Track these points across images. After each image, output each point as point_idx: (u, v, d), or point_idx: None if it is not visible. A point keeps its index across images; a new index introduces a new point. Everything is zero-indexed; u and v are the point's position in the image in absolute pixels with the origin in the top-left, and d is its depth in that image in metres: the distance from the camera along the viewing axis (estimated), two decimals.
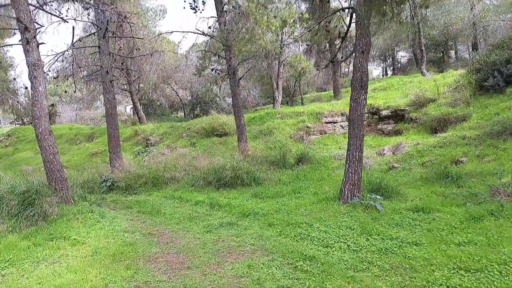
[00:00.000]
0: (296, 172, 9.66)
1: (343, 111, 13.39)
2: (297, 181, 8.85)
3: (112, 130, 10.61)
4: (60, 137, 21.69)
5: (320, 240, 4.82)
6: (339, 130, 13.20)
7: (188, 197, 8.02)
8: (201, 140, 14.61)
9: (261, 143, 12.81)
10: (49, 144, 6.57)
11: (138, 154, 14.98)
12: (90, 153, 17.56)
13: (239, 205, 7.05)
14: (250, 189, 8.42)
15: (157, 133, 16.62)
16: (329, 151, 11.57)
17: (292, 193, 7.79)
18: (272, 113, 14.82)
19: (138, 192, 9.22)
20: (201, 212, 6.83)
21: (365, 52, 6.40)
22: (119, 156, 10.67)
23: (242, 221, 6.06)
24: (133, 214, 7.06)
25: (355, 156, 6.50)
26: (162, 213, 6.89)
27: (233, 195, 8.02)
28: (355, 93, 6.48)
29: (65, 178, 6.91)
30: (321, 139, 12.69)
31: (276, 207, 6.82)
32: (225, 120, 14.69)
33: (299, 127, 13.21)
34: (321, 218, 5.72)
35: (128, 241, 5.17)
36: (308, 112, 13.67)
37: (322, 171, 9.48)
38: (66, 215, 6.20)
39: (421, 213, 5.56)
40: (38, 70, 6.31)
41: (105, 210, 7.12)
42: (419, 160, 8.98)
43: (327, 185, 8.15)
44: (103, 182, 9.92)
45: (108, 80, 10.38)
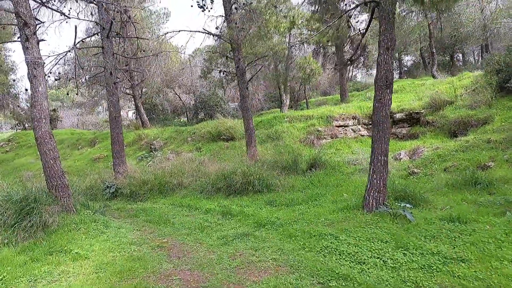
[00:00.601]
0: (309, 178, 9.17)
1: (354, 114, 12.92)
2: (311, 188, 8.35)
3: (116, 134, 10.15)
4: (61, 142, 21.28)
5: (351, 255, 4.31)
6: (350, 134, 12.72)
7: (197, 205, 7.52)
8: (207, 144, 14.14)
9: (269, 147, 12.32)
10: (49, 148, 6.11)
11: (142, 159, 14.51)
12: (92, 158, 17.11)
13: (253, 214, 6.55)
14: (263, 196, 7.92)
15: (161, 138, 16.16)
16: (342, 155, 11.08)
17: (309, 201, 7.29)
18: (280, 117, 14.36)
19: (143, 199, 8.73)
20: (213, 221, 6.33)
21: (390, 48, 5.95)
22: (123, 162, 10.20)
23: (258, 232, 5.56)
24: (139, 223, 6.56)
25: (380, 161, 6.01)
26: (170, 223, 6.39)
27: (245, 202, 7.51)
28: (380, 93, 6.02)
29: (67, 185, 6.43)
30: (332, 144, 12.21)
31: (293, 216, 6.33)
32: (231, 124, 14.23)
33: (309, 131, 12.73)
34: (347, 229, 5.21)
35: (136, 255, 4.67)
36: (318, 115, 13.20)
37: (337, 177, 8.98)
38: (68, 225, 5.71)
39: (457, 224, 5.05)
40: (38, 68, 5.88)
41: (109, 219, 6.62)
42: (441, 165, 8.48)
43: (345, 192, 7.66)
44: (106, 189, 9.44)
45: (112, 82, 9.95)
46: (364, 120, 12.88)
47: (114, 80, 9.97)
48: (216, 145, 13.85)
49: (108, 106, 10.19)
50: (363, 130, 12.78)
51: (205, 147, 13.92)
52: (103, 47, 9.93)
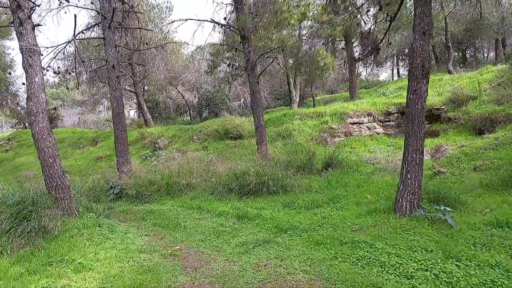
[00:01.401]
0: (326, 178, 8.59)
1: (369, 111, 12.33)
2: (330, 189, 7.78)
3: (119, 132, 9.59)
4: (62, 141, 20.75)
5: (395, 268, 3.74)
6: (365, 131, 12.13)
7: (209, 207, 6.95)
8: (214, 143, 13.57)
9: (280, 146, 11.75)
10: (48, 145, 5.55)
11: (146, 158, 13.96)
12: (95, 157, 16.56)
13: (271, 217, 5.98)
14: (279, 197, 7.35)
15: (165, 136, 15.60)
16: (358, 154, 10.49)
17: (330, 203, 6.72)
18: (290, 114, 13.78)
19: (150, 201, 8.16)
20: (228, 225, 5.76)
21: (427, 33, 5.36)
22: (128, 161, 9.64)
23: (280, 238, 4.99)
24: (147, 227, 6.00)
25: (415, 159, 5.43)
26: (182, 227, 5.82)
27: (260, 204, 6.94)
28: (415, 83, 5.43)
29: (68, 185, 5.87)
30: (346, 142, 11.62)
31: (316, 220, 5.76)
32: (239, 122, 13.67)
33: (321, 128, 12.15)
34: (381, 236, 4.64)
35: (147, 266, 4.11)
36: (331, 112, 12.62)
37: (356, 177, 8.39)
38: (69, 230, 5.16)
39: (507, 229, 4.48)
40: (33, 57, 5.32)
41: (114, 222, 6.07)
42: (470, 164, 7.90)
43: (368, 193, 7.08)
44: (110, 189, 8.88)
45: (115, 76, 9.39)
46: (379, 117, 12.29)
47: (117, 73, 9.41)
48: (223, 143, 13.28)
49: (111, 101, 9.63)
50: (379, 128, 12.19)
51: (211, 146, 13.36)
52: (104, 38, 9.36)
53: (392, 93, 14.42)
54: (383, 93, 14.69)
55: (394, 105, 12.37)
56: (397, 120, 12.22)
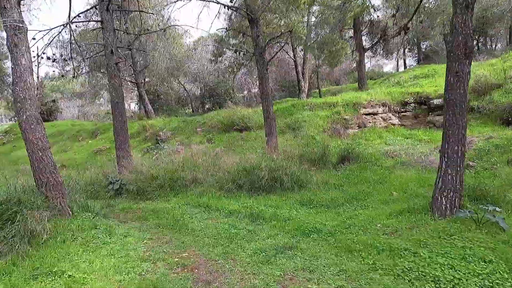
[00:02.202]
0: (343, 172, 7.92)
1: (384, 101, 11.59)
2: (349, 185, 7.10)
3: (119, 123, 8.90)
4: (61, 134, 20.11)
5: (453, 284, 3.08)
6: (380, 123, 11.41)
7: (218, 205, 6.29)
8: (219, 135, 12.88)
9: (289, 138, 11.05)
10: (37, 136, 4.88)
11: (147, 151, 13.30)
12: (94, 151, 15.91)
13: (289, 218, 5.33)
14: (294, 194, 6.69)
15: (168, 128, 14.91)
16: (374, 147, 9.80)
17: (352, 201, 6.05)
18: (299, 104, 13.05)
19: (152, 197, 7.51)
20: (241, 227, 5.10)
21: (470, 6, 4.61)
22: (128, 154, 8.97)
23: (304, 243, 4.33)
24: (150, 229, 5.36)
25: (456, 152, 4.72)
26: (189, 229, 5.17)
27: (274, 202, 6.28)
28: (456, 64, 4.69)
29: (60, 182, 5.21)
30: (360, 134, 10.92)
31: (340, 220, 5.10)
32: (245, 113, 12.96)
33: (333, 119, 11.44)
34: (423, 242, 3.98)
35: (150, 280, 3.46)
36: (343, 102, 11.88)
37: (376, 172, 7.71)
38: (61, 234, 4.51)
39: None
40: (19, 35, 4.61)
41: (113, 223, 5.42)
42: (502, 157, 7.22)
43: (393, 189, 6.41)
44: (109, 185, 8.23)
45: (113, 62, 8.66)
46: (395, 107, 11.55)
47: (116, 60, 8.68)
48: (229, 135, 12.59)
49: (109, 90, 8.92)
50: (394, 119, 11.47)
51: (217, 138, 12.67)
52: (102, 22, 8.61)
53: (407, 82, 13.65)
54: (397, 82, 13.92)
55: (410, 94, 11.62)
56: (414, 110, 11.48)
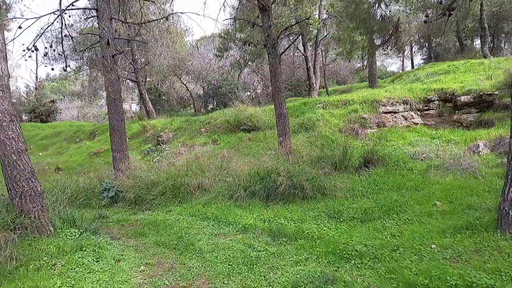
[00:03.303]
0: (369, 177, 6.96)
1: (405, 98, 10.63)
2: (379, 192, 6.15)
3: (115, 122, 7.98)
4: (57, 135, 19.23)
5: None
6: (401, 122, 10.44)
7: (229, 217, 5.35)
8: (224, 136, 11.94)
9: (302, 139, 10.10)
10: (9, 135, 3.96)
11: (147, 153, 12.38)
12: (91, 153, 15.01)
13: (319, 235, 4.38)
14: (317, 203, 5.74)
15: (169, 129, 13.99)
16: (398, 148, 8.83)
17: (390, 213, 5.09)
18: (311, 102, 12.11)
19: (152, 207, 6.57)
20: (260, 248, 4.15)
21: None
22: (126, 156, 8.04)
23: (346, 273, 3.38)
24: (149, 248, 4.41)
25: None
26: (196, 249, 4.22)
27: (295, 214, 5.33)
28: None
29: (39, 191, 4.28)
30: (380, 134, 9.95)
31: (382, 240, 4.15)
32: (253, 112, 12.01)
33: (350, 118, 10.48)
34: (504, 272, 3.02)
35: None
36: (360, 99, 10.92)
37: (407, 177, 6.75)
38: (36, 259, 3.58)
39: None
40: None
41: (104, 241, 4.48)
42: None
43: (435, 199, 5.45)
44: (103, 192, 7.30)
45: (110, 55, 7.75)
46: (417, 105, 10.58)
47: (112, 52, 7.77)
48: (235, 136, 11.65)
49: (105, 85, 8.00)
50: (417, 117, 10.50)
51: (222, 139, 11.73)
52: (97, 10, 7.71)
53: (426, 78, 12.68)
54: (417, 79, 12.95)
55: (434, 91, 10.65)
56: (438, 108, 10.50)
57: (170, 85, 22.46)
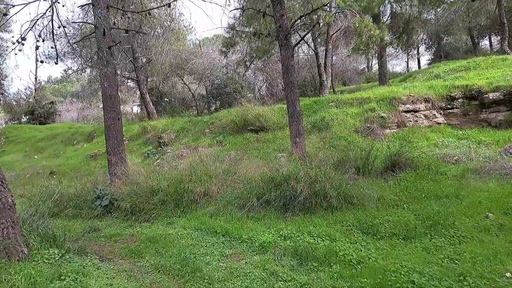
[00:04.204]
0: (397, 183, 6.12)
1: (427, 96, 9.79)
2: (414, 201, 5.29)
3: (111, 121, 7.15)
4: (54, 137, 18.48)
5: None
6: (422, 121, 9.60)
7: (242, 232, 4.51)
8: (230, 137, 11.13)
9: (315, 139, 9.29)
10: None
11: (148, 156, 11.58)
12: (88, 155, 14.22)
13: (358, 259, 3.54)
14: (344, 215, 4.88)
15: (171, 130, 13.18)
16: (423, 150, 7.97)
17: (436, 227, 4.24)
18: (322, 101, 11.29)
19: (151, 218, 5.73)
20: (286, 276, 3.30)
21: None
22: (122, 159, 7.21)
23: None
24: (145, 274, 3.57)
25: None
26: (204, 277, 3.38)
27: (321, 228, 4.48)
28: None
29: (10, 204, 3.46)
30: (401, 134, 9.11)
31: (440, 265, 3.33)
32: (260, 111, 11.20)
33: (367, 117, 9.65)
34: None
35: None
36: (377, 97, 10.09)
37: (443, 183, 5.88)
38: None
39: None
40: None
41: (90, 264, 3.65)
42: None
43: (485, 209, 4.59)
44: (96, 200, 6.47)
45: (106, 46, 6.95)
46: (439, 103, 9.73)
47: (108, 43, 6.97)
48: (242, 137, 10.84)
49: (101, 80, 7.18)
50: (439, 117, 9.65)
51: (228, 141, 10.91)
52: None
53: (447, 74, 11.82)
54: (435, 76, 12.09)
55: (457, 88, 9.81)
56: (462, 106, 9.65)
57: (172, 85, 21.68)
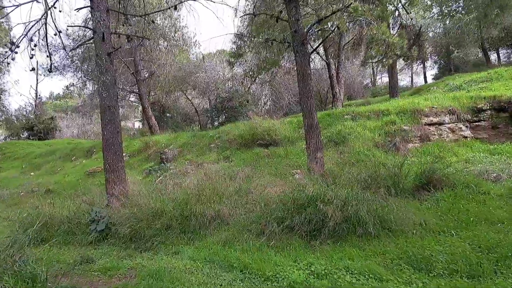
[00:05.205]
0: (436, 204, 5.34)
1: (451, 108, 9.10)
2: (463, 226, 4.51)
3: (109, 135, 6.44)
4: (53, 153, 17.76)
5: None
6: (447, 135, 8.87)
7: (264, 267, 3.70)
8: (238, 152, 10.39)
9: (332, 155, 8.54)
10: None
11: (149, 173, 10.81)
12: (87, 172, 13.45)
13: None
14: (384, 245, 4.09)
15: (174, 145, 12.47)
16: (455, 166, 7.21)
17: (505, 261, 3.43)
18: (337, 114, 10.61)
19: (154, 246, 4.92)
20: None
21: None
22: (121, 178, 6.44)
23: None
24: None
25: None
26: None
27: (360, 262, 3.68)
28: None
29: None
30: (426, 149, 8.36)
31: None
32: (270, 125, 10.51)
33: (387, 131, 8.94)
34: None
35: None
36: (397, 109, 9.41)
37: (490, 204, 5.11)
38: None
39: None
40: None
41: None
42: None
43: None
44: (91, 223, 5.68)
45: (105, 53, 6.33)
46: (465, 115, 9.04)
47: (107, 49, 6.36)
48: (250, 152, 10.10)
49: (98, 90, 6.53)
50: (466, 130, 8.93)
51: (235, 156, 10.17)
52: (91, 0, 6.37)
53: (469, 86, 11.17)
54: (457, 87, 11.44)
55: (484, 99, 9.14)
56: (490, 119, 8.95)
57: (175, 100, 21.15)
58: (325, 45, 12.34)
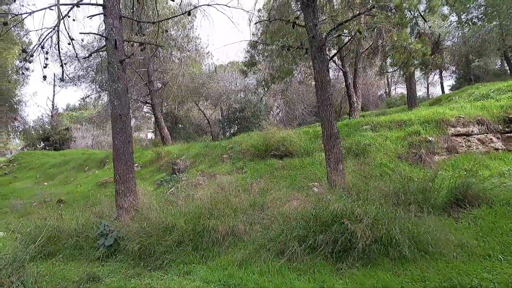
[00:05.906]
0: (474, 223, 4.81)
1: (479, 117, 8.55)
2: (506, 248, 3.97)
3: (120, 144, 6.19)
4: (66, 163, 17.83)
5: None
6: (476, 146, 8.30)
7: None
8: (251, 163, 10.03)
9: (352, 167, 8.07)
10: None
11: (161, 184, 10.56)
12: (99, 183, 13.32)
13: None
14: (422, 270, 3.61)
15: (187, 155, 12.22)
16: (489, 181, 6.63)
17: None
18: (355, 124, 10.17)
19: (164, 264, 4.56)
20: None
21: None
22: (131, 190, 6.15)
23: None
24: None
25: None
26: None
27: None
28: None
29: None
30: (454, 162, 7.80)
31: None
32: (284, 135, 10.14)
33: (411, 142, 8.43)
34: None
35: None
36: (421, 119, 8.91)
37: None
38: None
39: None
40: None
41: None
42: None
43: None
44: (100, 237, 5.37)
45: (117, 60, 6.15)
46: (495, 125, 8.46)
47: (120, 56, 6.18)
48: (264, 163, 9.72)
49: (110, 98, 6.34)
50: (497, 141, 8.34)
51: (249, 167, 9.81)
52: (104, 7, 6.24)
53: (497, 95, 10.56)
54: (484, 96, 10.85)
55: None
56: None
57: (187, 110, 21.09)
58: (342, 53, 12.04)
